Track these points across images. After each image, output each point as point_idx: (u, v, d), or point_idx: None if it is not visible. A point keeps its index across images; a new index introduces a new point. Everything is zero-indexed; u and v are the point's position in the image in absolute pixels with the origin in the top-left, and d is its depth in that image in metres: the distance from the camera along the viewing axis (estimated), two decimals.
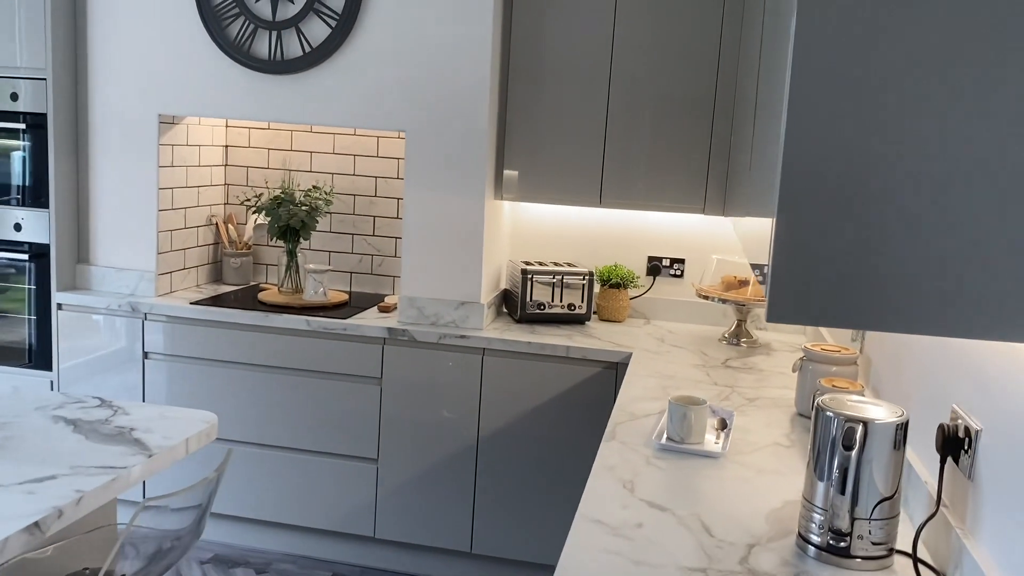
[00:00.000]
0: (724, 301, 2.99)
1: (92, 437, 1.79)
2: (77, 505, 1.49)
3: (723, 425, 2.06)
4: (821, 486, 1.45)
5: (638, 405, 2.25)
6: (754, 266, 1.94)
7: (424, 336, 2.98)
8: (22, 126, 3.17)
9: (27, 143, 3.19)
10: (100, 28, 3.18)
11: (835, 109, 1.01)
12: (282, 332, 3.08)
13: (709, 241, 3.34)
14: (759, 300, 2.96)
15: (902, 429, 1.41)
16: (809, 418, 2.19)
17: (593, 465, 1.80)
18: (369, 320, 3.07)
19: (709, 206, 3.03)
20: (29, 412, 1.91)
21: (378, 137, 3.50)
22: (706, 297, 3.04)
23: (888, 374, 2.08)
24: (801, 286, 1.05)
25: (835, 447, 1.42)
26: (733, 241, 3.28)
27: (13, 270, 3.27)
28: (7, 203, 3.23)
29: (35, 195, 3.21)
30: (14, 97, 3.17)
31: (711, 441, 1.98)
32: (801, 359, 2.25)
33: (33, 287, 3.26)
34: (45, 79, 3.13)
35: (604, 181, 3.09)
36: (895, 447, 1.40)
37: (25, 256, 3.23)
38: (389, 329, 3.00)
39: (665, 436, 1.97)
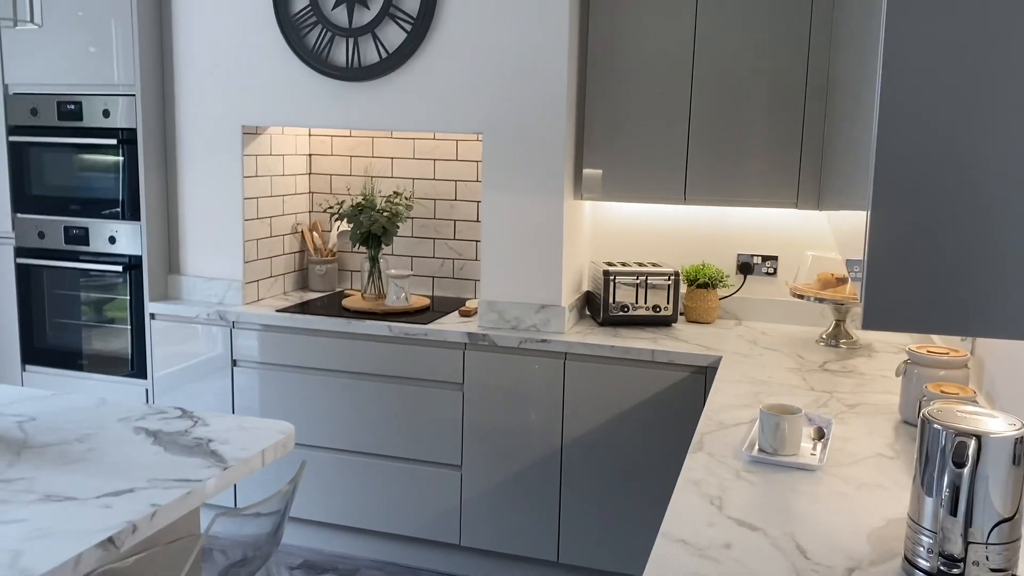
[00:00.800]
0: (821, 300, 2.82)
1: (171, 449, 1.79)
2: (151, 520, 1.49)
3: (820, 434, 1.93)
4: (929, 505, 1.31)
5: (728, 413, 2.13)
6: (849, 263, 1.80)
7: (505, 341, 2.92)
8: (114, 141, 3.26)
9: (120, 158, 3.28)
10: (184, 43, 3.25)
11: (933, 85, 0.89)
12: (365, 338, 3.07)
13: (803, 236, 3.17)
14: (858, 299, 2.78)
15: (1022, 443, 1.26)
16: (915, 426, 2.03)
17: (678, 479, 1.70)
18: (450, 325, 3.04)
19: (802, 199, 2.87)
20: (112, 423, 1.94)
21: (457, 140, 3.47)
22: (801, 296, 2.88)
23: (1004, 378, 1.90)
24: (900, 288, 0.94)
25: (944, 463, 1.28)
26: (829, 236, 3.10)
27: (112, 281, 3.37)
28: (103, 216, 3.34)
29: (128, 208, 3.30)
30: (106, 114, 3.26)
31: (807, 452, 1.85)
32: (905, 362, 2.09)
33: (127, 297, 3.36)
34: (134, 95, 3.22)
35: (688, 177, 2.97)
36: (1014, 463, 1.26)
37: (120, 268, 3.33)
38: (469, 334, 2.95)
39: (757, 447, 1.85)
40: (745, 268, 3.23)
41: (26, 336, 3.52)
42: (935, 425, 1.30)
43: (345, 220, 3.29)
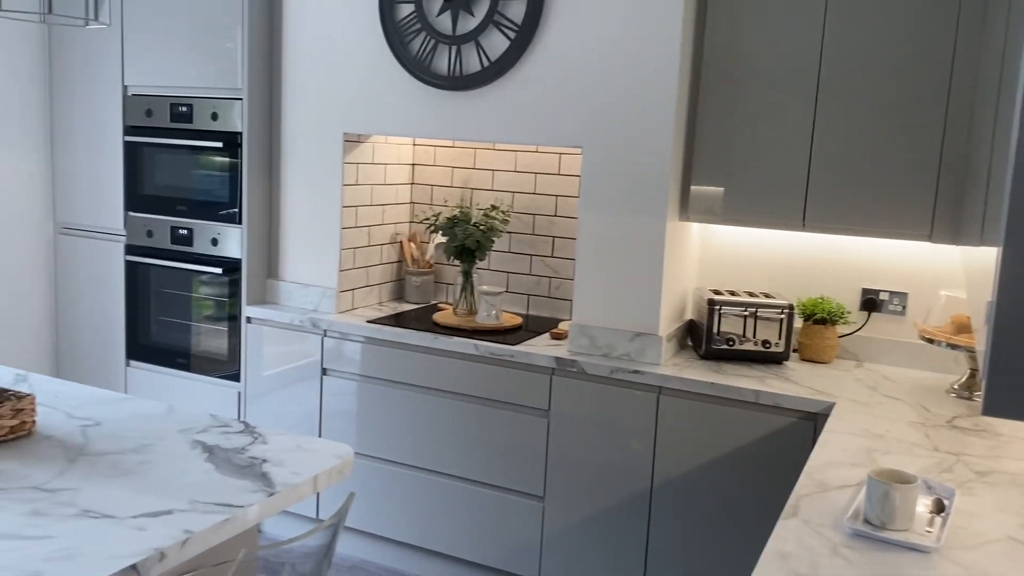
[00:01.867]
0: (953, 347, 2.50)
1: (223, 468, 1.72)
2: (182, 548, 1.41)
3: (939, 507, 1.66)
4: None
5: (833, 472, 1.88)
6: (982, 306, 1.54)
7: (594, 369, 2.74)
8: (220, 144, 3.29)
9: (226, 161, 3.31)
10: (293, 48, 3.25)
11: None
12: (451, 355, 2.96)
13: (937, 273, 2.84)
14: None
15: None
16: None
17: (764, 549, 1.49)
18: (538, 348, 2.89)
19: (937, 233, 2.55)
20: (173, 434, 1.89)
21: (560, 154, 3.32)
22: (931, 340, 2.57)
23: None
24: None
25: None
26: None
27: (213, 283, 3.41)
28: (207, 218, 3.37)
29: (231, 211, 3.32)
30: (214, 117, 3.30)
31: (921, 528, 1.59)
32: None
33: (226, 300, 3.38)
34: (241, 99, 3.23)
35: (809, 201, 2.71)
36: None
37: (220, 270, 3.35)
38: (558, 359, 2.79)
39: (861, 518, 1.60)
40: (870, 304, 2.93)
41: (131, 332, 3.60)
42: None
43: (440, 233, 3.20)
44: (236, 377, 3.39)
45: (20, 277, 3.66)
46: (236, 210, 3.31)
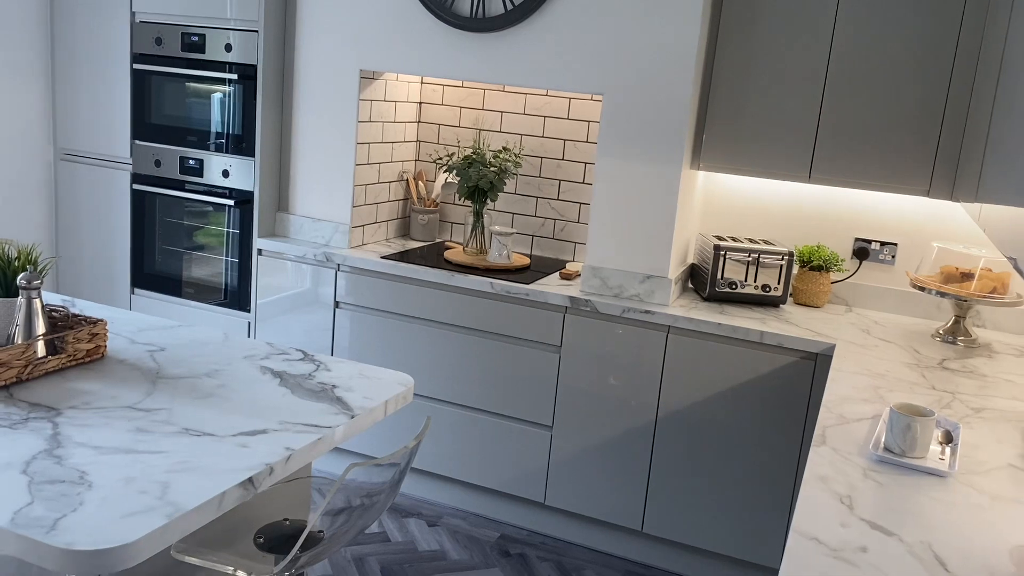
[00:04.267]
0: (943, 295, 2.71)
1: (297, 392, 1.83)
2: (287, 463, 1.52)
3: (948, 438, 1.86)
4: None
5: (848, 407, 2.07)
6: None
7: (607, 308, 2.89)
8: (234, 76, 3.30)
9: (239, 92, 3.32)
10: None
11: None
12: (466, 293, 3.08)
13: (927, 226, 3.04)
14: (984, 296, 2.66)
15: None
16: None
17: (804, 473, 1.67)
18: (551, 287, 3.02)
19: (935, 189, 2.74)
20: (238, 360, 1.99)
21: (569, 99, 3.41)
22: (922, 288, 2.77)
23: None
24: None
25: None
26: (958, 228, 2.97)
27: (222, 214, 3.44)
28: (218, 150, 3.39)
29: (243, 143, 3.35)
30: (228, 48, 3.29)
31: (935, 455, 1.79)
32: None
33: (236, 231, 3.42)
34: (257, 31, 3.23)
35: (816, 155, 2.86)
36: None
37: (231, 201, 3.39)
38: (571, 298, 2.93)
39: (883, 446, 1.79)
40: (862, 253, 3.12)
41: (136, 261, 3.63)
42: None
43: (454, 172, 3.28)
44: (246, 308, 3.45)
45: (18, 201, 3.64)
46: (249, 143, 3.33)
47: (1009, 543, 1.46)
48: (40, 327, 1.80)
